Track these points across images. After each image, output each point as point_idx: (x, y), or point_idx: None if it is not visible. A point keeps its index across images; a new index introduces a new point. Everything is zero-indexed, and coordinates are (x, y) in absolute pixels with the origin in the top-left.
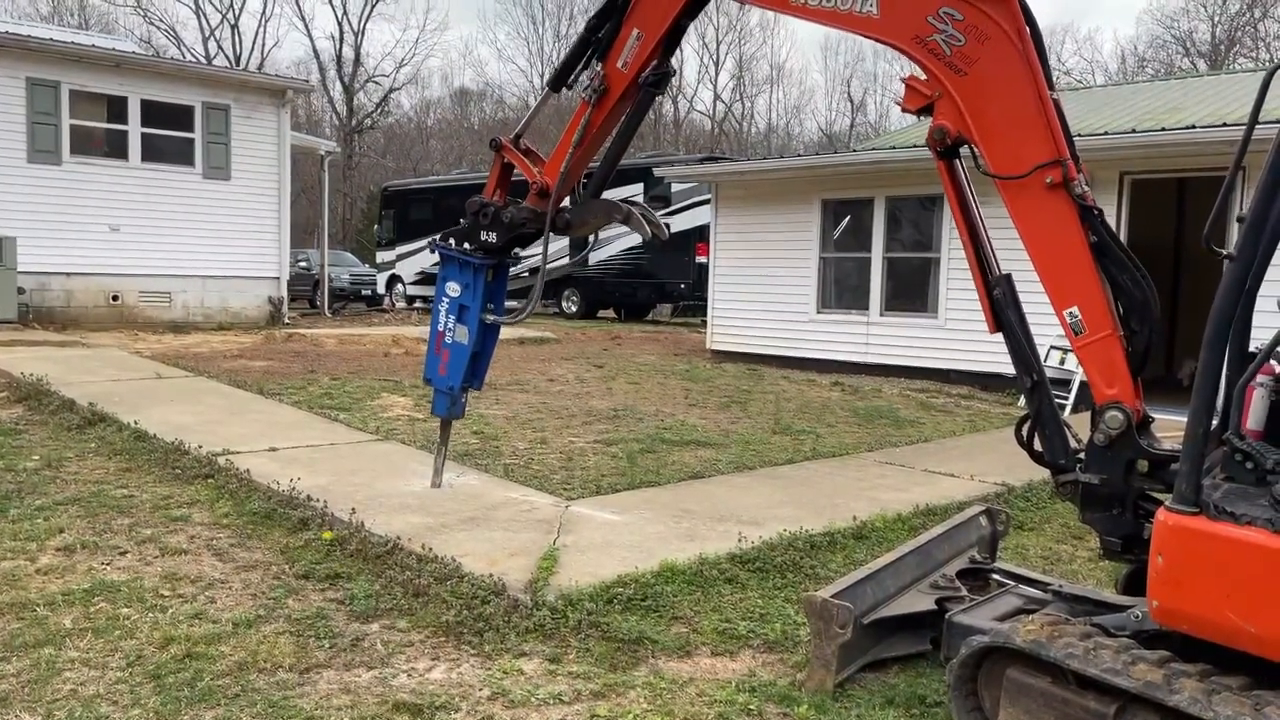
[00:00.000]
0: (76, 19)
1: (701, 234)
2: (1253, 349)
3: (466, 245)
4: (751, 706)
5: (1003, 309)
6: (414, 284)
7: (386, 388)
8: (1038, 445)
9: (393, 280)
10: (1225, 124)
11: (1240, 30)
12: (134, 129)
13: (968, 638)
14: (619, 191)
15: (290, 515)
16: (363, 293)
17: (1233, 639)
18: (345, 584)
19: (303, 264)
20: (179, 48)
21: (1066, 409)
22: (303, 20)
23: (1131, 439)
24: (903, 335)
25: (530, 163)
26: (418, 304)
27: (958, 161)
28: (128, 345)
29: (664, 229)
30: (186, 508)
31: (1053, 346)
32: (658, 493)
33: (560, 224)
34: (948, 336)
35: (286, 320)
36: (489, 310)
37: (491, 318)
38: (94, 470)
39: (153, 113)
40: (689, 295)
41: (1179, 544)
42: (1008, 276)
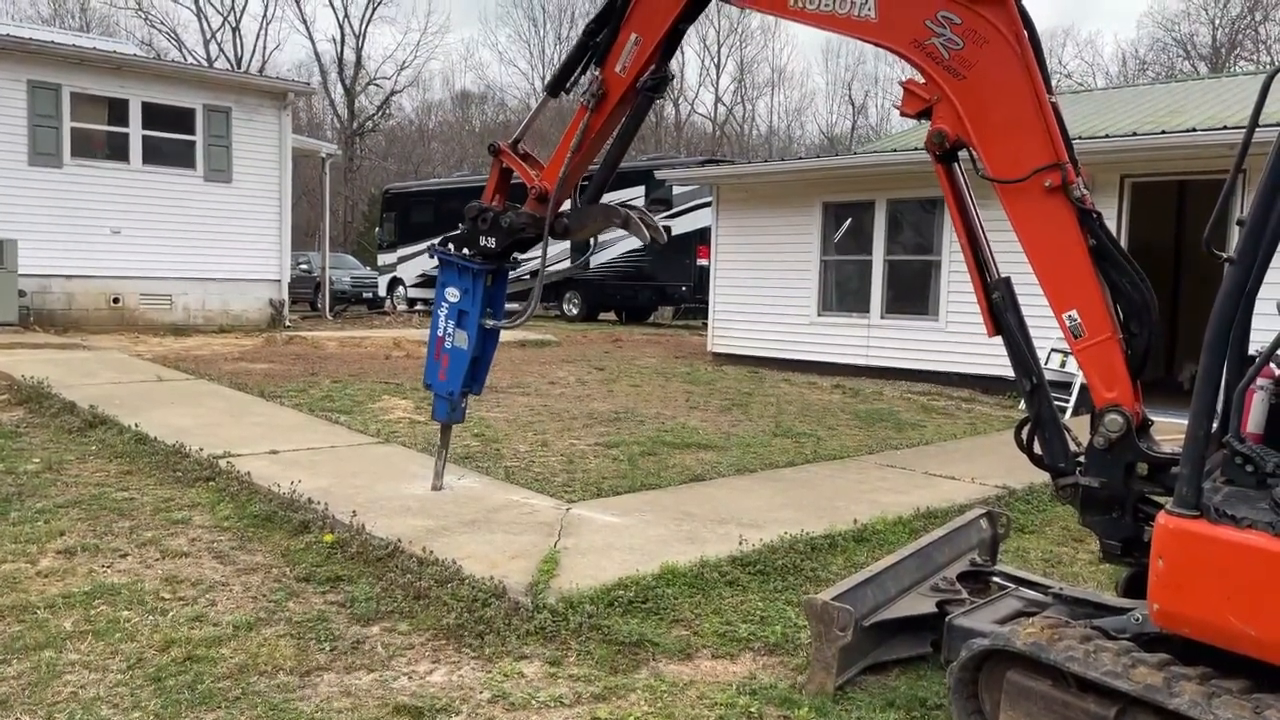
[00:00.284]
0: (78, 21)
1: (702, 236)
2: (1253, 352)
3: (466, 250)
4: (752, 709)
5: (1002, 312)
6: (415, 286)
7: (387, 390)
8: (1037, 448)
9: (394, 283)
10: (1226, 127)
11: (1241, 33)
12: (135, 131)
13: (968, 640)
14: (620, 194)
15: (291, 518)
16: (364, 295)
17: (1233, 642)
18: (346, 587)
19: (304, 266)
20: (180, 50)
21: (1067, 412)
22: (304, 23)
23: (1131, 442)
24: (904, 338)
25: (529, 167)
26: (419, 306)
27: (956, 165)
28: (128, 348)
29: (663, 233)
30: (187, 510)
31: (1053, 349)
32: (659, 495)
33: (559, 229)
34: (948, 339)
35: (287, 323)
36: (488, 315)
37: (491, 323)
38: (95, 473)
39: (154, 115)
40: (690, 298)
41: (1179, 547)
42: (1006, 280)
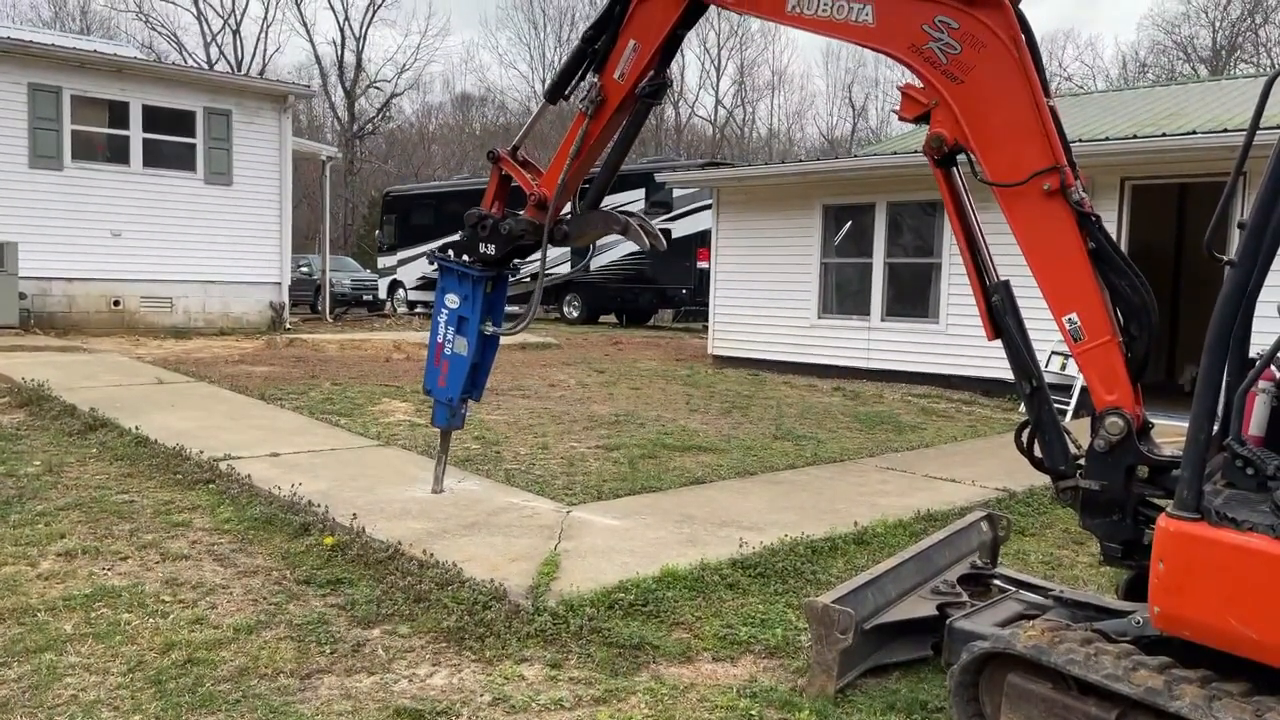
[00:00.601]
0: (78, 24)
1: (703, 239)
2: (1253, 355)
3: (465, 257)
4: (753, 712)
5: (1001, 315)
6: (415, 289)
7: (388, 393)
8: (1038, 451)
9: (394, 285)
10: (1226, 130)
11: (1241, 36)
12: (135, 134)
13: (969, 643)
14: (620, 197)
15: (291, 520)
16: (364, 298)
17: (1234, 645)
18: (346, 589)
19: (304, 269)
20: (180, 53)
21: (1067, 414)
22: (304, 26)
23: (1132, 445)
24: (904, 340)
25: (528, 174)
26: (419, 309)
27: (955, 169)
28: (129, 350)
29: (662, 240)
30: (187, 513)
31: (1053, 352)
32: (659, 498)
33: (558, 236)
34: (949, 342)
35: (288, 325)
36: (488, 322)
37: (490, 329)
38: (95, 475)
39: (154, 118)
40: (690, 300)
41: (1180, 550)
42: (1006, 283)
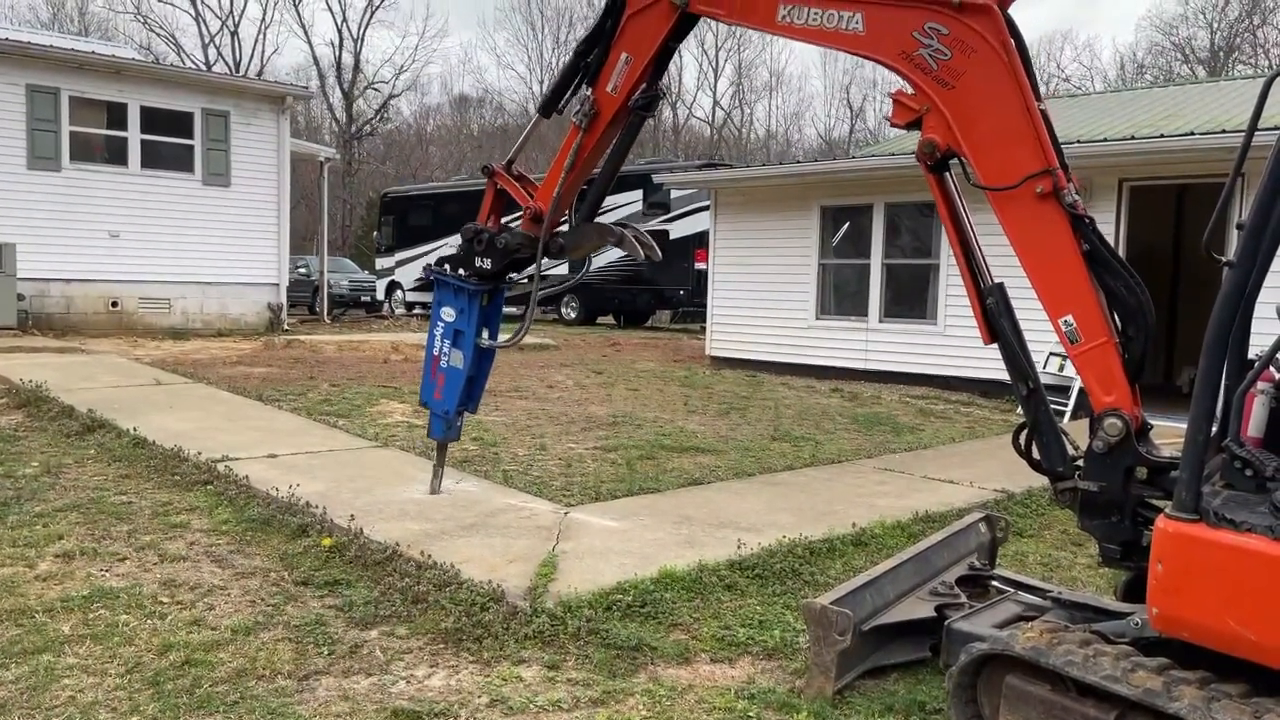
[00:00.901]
0: (76, 25)
1: (701, 240)
2: (1252, 356)
3: (461, 271)
4: (751, 713)
5: (996, 318)
6: (413, 290)
7: (386, 394)
8: (1035, 453)
9: (392, 287)
10: (1224, 131)
11: (1239, 37)
12: (133, 135)
13: (967, 645)
14: (618, 199)
15: (289, 522)
16: (362, 299)
17: (1232, 646)
18: (344, 590)
19: (302, 270)
20: (179, 54)
21: (1065, 416)
22: (302, 27)
23: (1130, 446)
24: (902, 342)
25: (523, 188)
26: (417, 310)
27: (948, 174)
28: (127, 352)
29: (657, 250)
30: (185, 514)
31: (1051, 353)
32: (657, 499)
33: (554, 249)
34: (947, 343)
35: (286, 327)
36: (484, 334)
37: (487, 343)
38: (93, 477)
39: (152, 119)
40: (688, 301)
41: (1178, 551)
42: (1000, 286)
